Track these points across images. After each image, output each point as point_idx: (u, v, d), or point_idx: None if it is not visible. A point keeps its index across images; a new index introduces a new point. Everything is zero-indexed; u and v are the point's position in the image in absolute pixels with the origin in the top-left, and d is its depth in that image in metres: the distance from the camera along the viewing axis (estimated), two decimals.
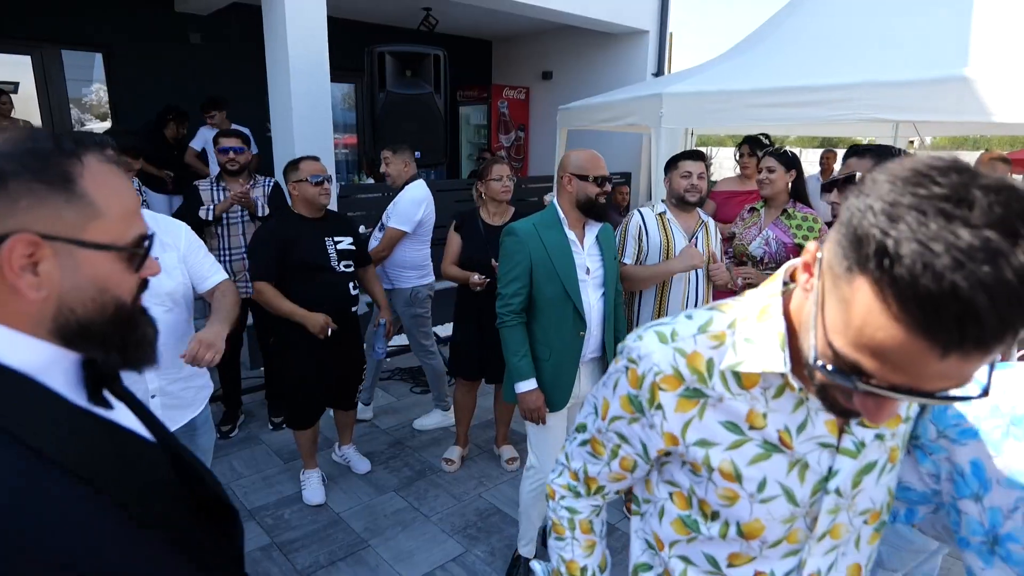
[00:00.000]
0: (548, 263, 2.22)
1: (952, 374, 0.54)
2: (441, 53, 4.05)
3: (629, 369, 0.83)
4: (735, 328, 0.78)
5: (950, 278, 0.47)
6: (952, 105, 2.90)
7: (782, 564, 0.83)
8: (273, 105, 4.86)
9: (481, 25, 7.94)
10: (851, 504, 0.81)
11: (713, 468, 0.80)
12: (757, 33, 4.80)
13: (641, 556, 0.95)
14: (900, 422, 0.81)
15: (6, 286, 0.61)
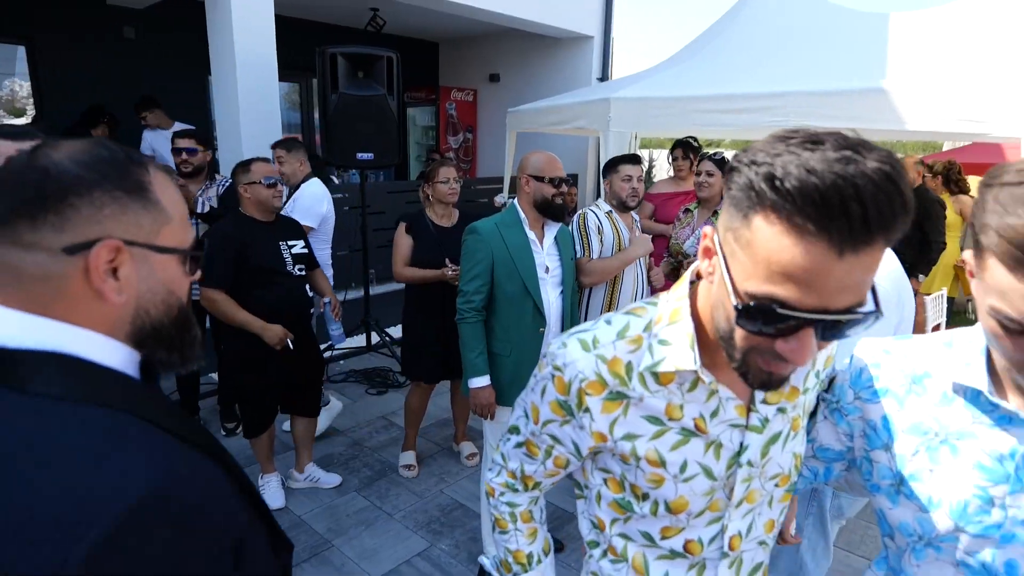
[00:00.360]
0: (509, 261, 2.31)
1: (850, 281, 0.64)
2: (394, 55, 4.07)
3: (555, 376, 0.89)
4: (651, 331, 0.86)
5: (830, 177, 0.60)
6: (871, 114, 3.16)
7: (707, 531, 0.92)
8: (218, 103, 4.76)
9: (428, 27, 7.97)
10: (762, 472, 0.91)
11: (640, 457, 0.88)
12: (697, 41, 5.04)
13: (588, 534, 1.03)
14: (799, 394, 0.91)
15: (92, 291, 0.63)
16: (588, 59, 7.55)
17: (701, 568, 0.94)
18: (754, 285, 0.67)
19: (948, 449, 0.86)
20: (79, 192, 0.62)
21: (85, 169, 0.63)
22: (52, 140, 0.66)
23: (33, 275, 0.61)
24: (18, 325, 0.60)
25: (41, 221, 0.61)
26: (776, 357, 0.71)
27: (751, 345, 0.73)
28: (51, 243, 0.61)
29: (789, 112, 3.53)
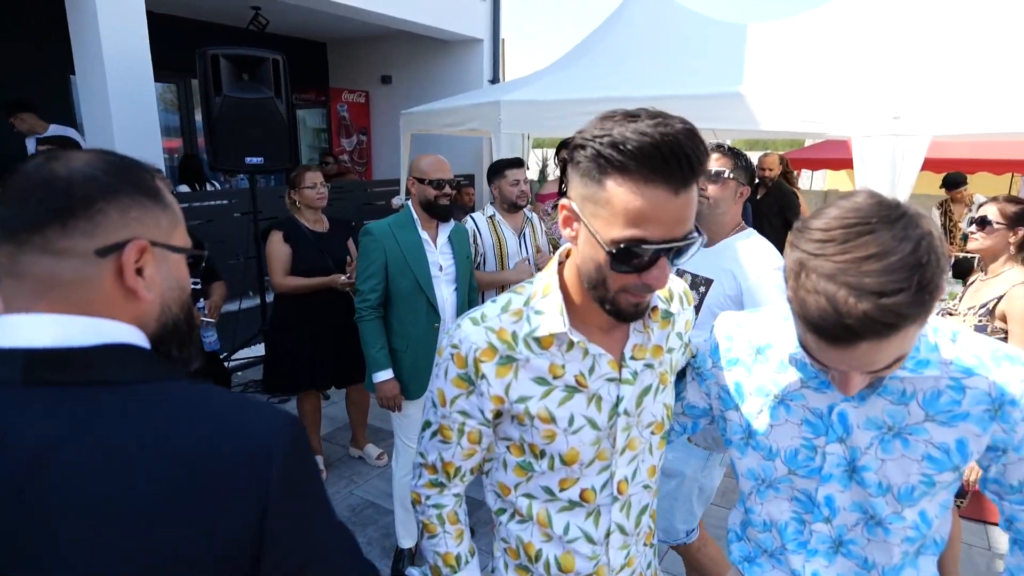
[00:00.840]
0: (402, 260, 2.41)
1: (684, 214, 0.83)
2: (280, 58, 3.99)
3: (454, 354, 1.00)
4: (529, 304, 1.00)
5: (658, 137, 0.78)
6: (730, 116, 3.52)
7: (599, 479, 1.05)
8: (86, 107, 4.45)
9: (314, 27, 7.80)
10: (638, 420, 1.05)
11: (533, 416, 1.00)
12: (580, 47, 5.33)
13: (495, 504, 1.15)
14: (663, 352, 1.07)
15: (124, 291, 0.67)
16: (479, 61, 7.70)
17: (596, 514, 1.07)
18: (618, 232, 0.83)
19: (783, 408, 1.05)
20: (106, 197, 0.65)
21: (108, 175, 0.66)
22: (57, 151, 0.68)
23: (70, 281, 0.63)
24: (80, 327, 0.63)
25: (72, 227, 0.63)
26: (641, 289, 0.88)
27: (621, 285, 0.89)
28: (84, 247, 0.63)
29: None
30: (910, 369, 0.91)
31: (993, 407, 0.91)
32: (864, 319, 0.75)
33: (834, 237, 0.78)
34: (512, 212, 3.08)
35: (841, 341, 0.79)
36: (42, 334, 0.62)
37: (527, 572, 1.11)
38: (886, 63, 3.40)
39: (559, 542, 1.07)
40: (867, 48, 3.64)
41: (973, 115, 2.98)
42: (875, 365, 0.82)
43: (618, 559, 1.10)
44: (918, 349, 0.92)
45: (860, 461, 0.98)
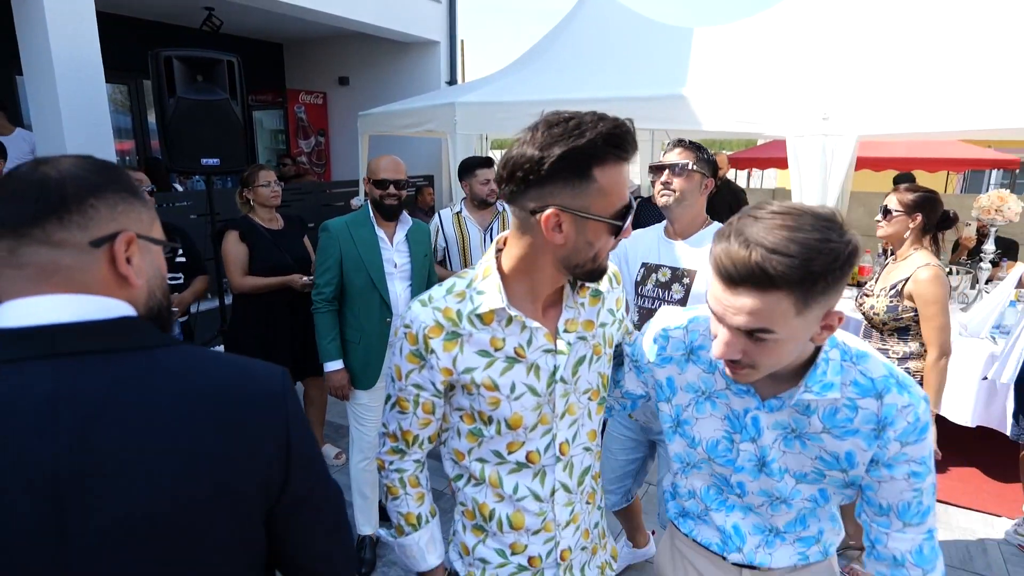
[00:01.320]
0: (356, 256, 2.50)
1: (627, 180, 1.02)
2: (235, 59, 3.99)
3: (407, 333, 1.11)
4: (471, 286, 1.11)
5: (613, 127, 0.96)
6: (675, 116, 3.69)
7: (542, 441, 1.16)
8: (34, 109, 4.37)
9: (270, 28, 7.75)
10: (575, 388, 1.16)
11: (478, 384, 1.10)
12: (534, 50, 5.46)
13: (452, 471, 1.25)
14: (594, 327, 1.18)
15: (117, 278, 0.74)
16: (436, 63, 7.77)
17: (542, 474, 1.18)
18: (615, 206, 1.01)
19: (709, 404, 1.18)
20: (96, 194, 0.73)
21: (95, 175, 0.74)
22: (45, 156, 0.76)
23: (69, 266, 0.71)
24: (94, 304, 0.72)
25: (68, 221, 0.71)
26: (615, 246, 1.08)
27: (609, 248, 1.06)
28: (79, 239, 0.71)
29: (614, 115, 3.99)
30: (815, 392, 1.02)
31: (878, 427, 1.03)
32: (744, 263, 0.90)
33: (772, 213, 0.93)
34: (481, 208, 3.18)
35: (727, 281, 0.93)
36: (61, 311, 0.70)
37: (482, 531, 1.21)
38: (816, 67, 3.62)
39: (510, 501, 1.18)
40: (799, 53, 3.86)
41: (896, 117, 3.21)
42: (745, 320, 0.93)
43: (563, 515, 1.20)
44: (825, 373, 1.02)
45: (768, 457, 1.12)
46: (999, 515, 3.11)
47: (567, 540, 1.22)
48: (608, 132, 0.95)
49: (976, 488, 3.37)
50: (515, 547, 1.20)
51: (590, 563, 1.30)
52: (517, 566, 1.21)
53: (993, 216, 3.77)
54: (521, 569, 1.21)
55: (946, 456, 3.68)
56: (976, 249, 4.11)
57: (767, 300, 0.90)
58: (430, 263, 2.78)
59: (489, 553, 1.21)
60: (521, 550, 1.20)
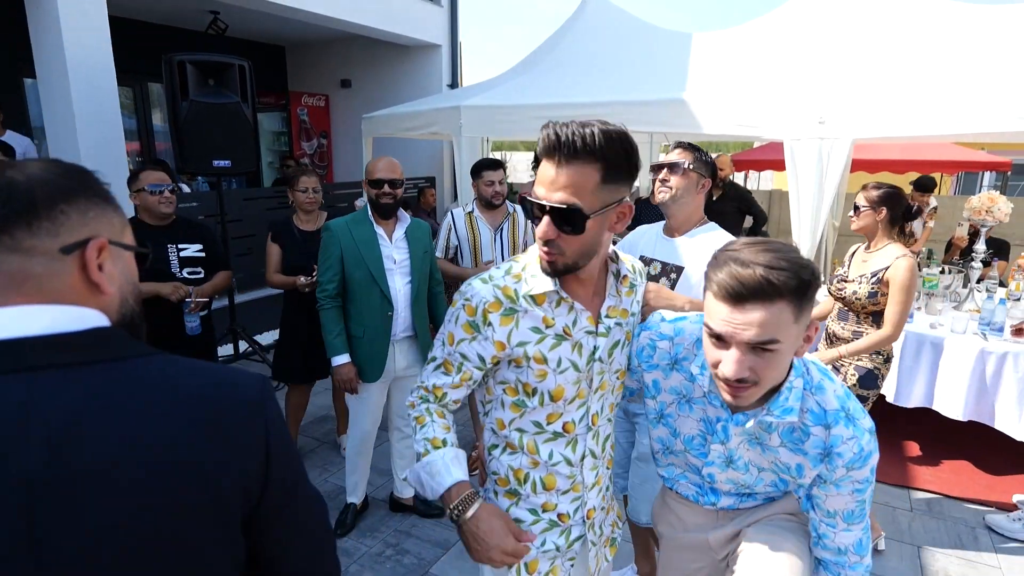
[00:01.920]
0: (357, 253, 2.63)
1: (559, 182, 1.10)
2: (246, 64, 4.09)
3: (465, 305, 1.22)
4: (526, 269, 1.23)
5: (557, 128, 1.10)
6: (675, 120, 3.80)
7: (577, 413, 1.29)
8: (47, 112, 4.45)
9: (273, 31, 7.84)
10: (609, 367, 1.30)
11: (530, 357, 1.22)
12: (535, 55, 5.56)
13: (490, 440, 1.35)
14: (628, 315, 1.32)
15: (89, 285, 0.72)
16: (438, 66, 7.86)
17: (574, 442, 1.31)
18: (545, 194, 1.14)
19: (688, 406, 1.32)
20: (67, 199, 0.71)
21: (64, 179, 0.72)
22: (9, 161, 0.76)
23: (40, 274, 0.69)
24: (67, 315, 0.70)
25: (36, 227, 0.68)
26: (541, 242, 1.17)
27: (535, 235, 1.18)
28: (49, 245, 0.69)
29: (615, 119, 4.05)
30: (776, 416, 1.16)
31: (824, 453, 1.18)
32: (752, 279, 1.03)
33: (747, 243, 1.09)
34: (489, 209, 3.30)
35: (736, 299, 1.04)
36: (32, 323, 0.66)
37: (515, 495, 1.33)
38: (812, 72, 3.73)
39: (544, 466, 1.30)
40: (796, 58, 3.97)
41: (890, 120, 3.32)
42: (755, 332, 1.04)
43: (590, 478, 1.35)
44: (787, 399, 1.16)
45: (735, 456, 1.28)
46: (989, 504, 3.22)
47: (592, 500, 1.36)
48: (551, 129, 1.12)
49: (968, 479, 3.48)
50: (546, 506, 1.33)
51: (605, 521, 1.44)
52: (548, 522, 1.33)
53: (984, 217, 3.88)
54: (552, 525, 1.34)
55: (939, 449, 3.80)
56: (968, 249, 4.23)
57: (772, 310, 1.03)
58: (431, 259, 2.88)
59: (522, 513, 1.33)
60: (552, 508, 1.33)
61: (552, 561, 1.34)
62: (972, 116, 3.18)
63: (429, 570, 2.71)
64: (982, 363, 3.37)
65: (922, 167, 8.13)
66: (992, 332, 3.48)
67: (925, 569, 2.74)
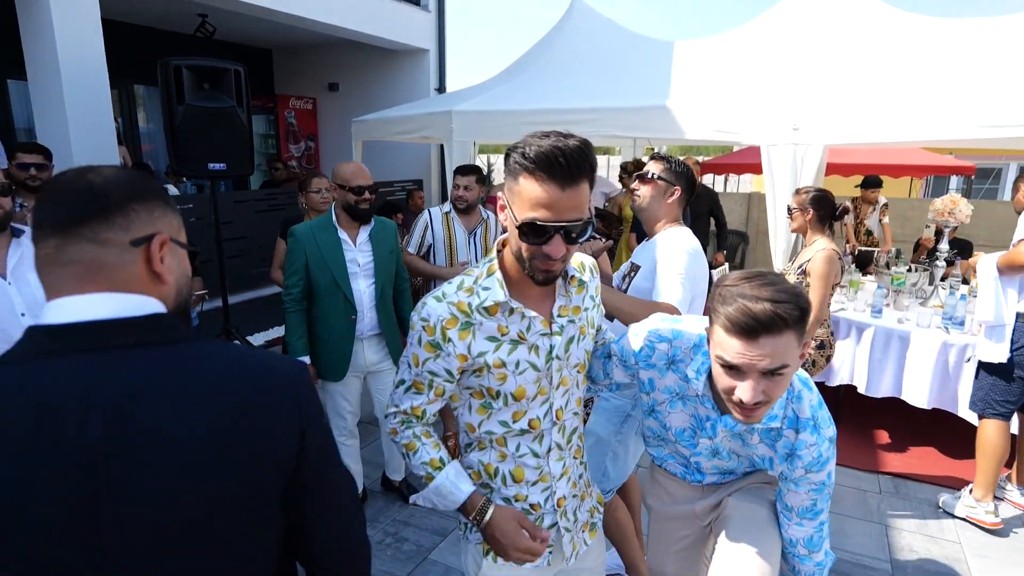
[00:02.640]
0: (321, 259, 2.71)
1: (572, 203, 1.15)
2: (241, 69, 4.18)
3: (424, 326, 1.27)
4: (477, 282, 1.29)
5: (549, 147, 1.12)
6: (658, 126, 3.98)
7: (541, 409, 1.35)
8: (39, 114, 4.49)
9: (261, 34, 7.89)
10: (567, 363, 1.36)
11: (490, 365, 1.28)
12: (522, 61, 5.72)
13: (463, 441, 1.43)
14: (580, 311, 1.38)
15: (151, 275, 0.82)
16: (425, 70, 7.97)
17: (541, 436, 1.38)
18: (523, 214, 1.17)
19: (681, 403, 1.46)
20: (137, 199, 0.81)
21: (135, 182, 0.83)
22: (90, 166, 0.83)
23: (112, 264, 0.78)
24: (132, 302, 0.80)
25: (112, 221, 0.79)
26: (542, 257, 1.20)
27: (532, 254, 1.20)
28: (121, 238, 0.79)
29: (600, 125, 4.26)
30: (763, 421, 1.31)
31: (789, 453, 1.36)
32: (764, 314, 1.15)
33: (745, 278, 1.21)
34: (461, 212, 3.43)
35: (750, 334, 1.16)
36: (101, 308, 0.77)
37: (488, 487, 1.41)
38: (788, 81, 3.93)
39: (512, 459, 1.38)
40: (773, 67, 4.18)
41: (861, 127, 3.53)
42: (769, 362, 1.17)
43: (557, 468, 1.41)
44: (772, 407, 1.29)
45: (721, 448, 1.45)
46: (952, 487, 3.44)
47: (562, 489, 1.43)
48: (539, 147, 1.14)
49: (932, 463, 3.70)
50: (517, 497, 1.40)
51: (580, 507, 1.51)
52: (520, 511, 1.39)
53: (947, 218, 4.12)
54: (525, 513, 1.40)
55: (905, 435, 4.02)
56: (934, 249, 4.46)
57: (782, 341, 1.16)
58: (396, 258, 2.97)
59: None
60: (523, 499, 1.40)
61: None
62: (936, 124, 3.40)
63: (428, 556, 2.83)
64: (945, 355, 3.60)
65: (892, 171, 8.45)
66: (953, 326, 3.71)
67: (892, 546, 2.94)
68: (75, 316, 0.76)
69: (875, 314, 3.99)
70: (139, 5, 6.37)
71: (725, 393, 1.25)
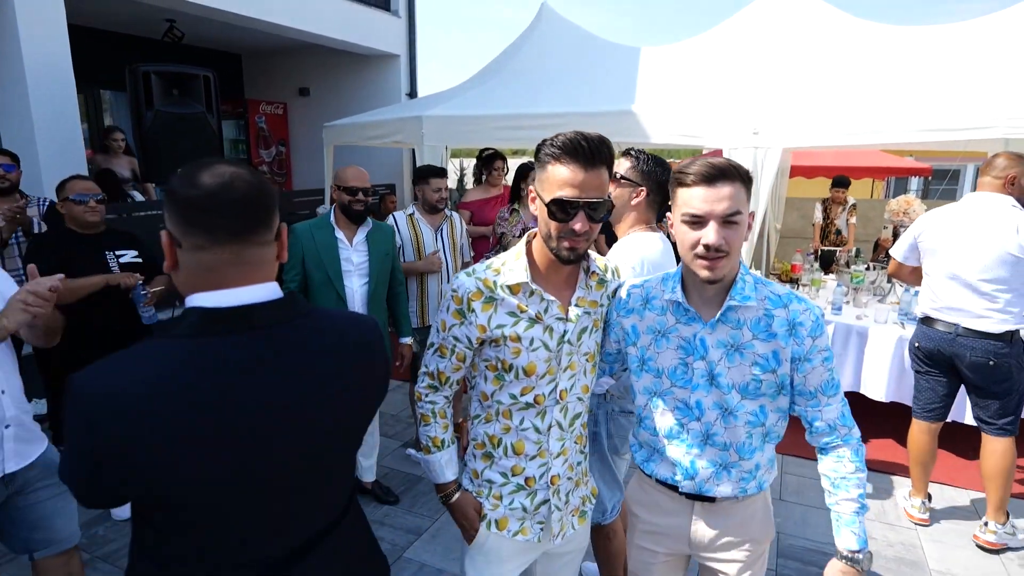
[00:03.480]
0: (317, 256, 2.86)
1: (594, 184, 1.31)
2: (211, 75, 4.18)
3: (453, 295, 1.43)
4: (505, 264, 1.44)
5: (572, 135, 1.31)
6: (625, 130, 4.08)
7: (548, 387, 1.46)
8: (4, 116, 4.43)
9: (230, 39, 7.84)
10: (577, 349, 1.48)
11: (506, 337, 1.42)
12: (491, 66, 5.79)
13: (475, 410, 1.55)
14: (597, 305, 1.50)
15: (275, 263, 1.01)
16: (396, 76, 8.00)
17: (543, 413, 1.49)
18: (551, 194, 1.33)
19: (665, 339, 1.50)
20: (273, 201, 0.98)
21: (266, 186, 0.98)
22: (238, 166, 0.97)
23: (269, 260, 0.98)
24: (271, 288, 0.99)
25: (268, 224, 0.96)
26: (572, 234, 1.34)
27: (560, 231, 1.35)
28: (270, 236, 0.98)
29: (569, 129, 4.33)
30: (739, 300, 1.40)
31: (790, 327, 1.40)
32: (721, 164, 1.36)
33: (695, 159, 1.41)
34: (431, 213, 3.51)
35: (711, 180, 1.34)
36: (257, 293, 0.96)
37: (490, 458, 1.53)
38: (749, 87, 4.07)
39: (515, 431, 1.50)
40: (734, 74, 4.31)
41: (816, 131, 3.67)
42: (727, 205, 1.34)
43: (556, 447, 1.52)
44: (743, 288, 1.41)
45: (716, 370, 1.46)
46: (909, 477, 3.58)
47: (557, 468, 1.53)
48: (565, 137, 1.32)
49: (890, 455, 3.84)
50: (515, 469, 1.51)
51: (574, 492, 1.59)
52: (516, 485, 1.52)
53: (902, 218, 4.30)
54: (519, 488, 1.52)
55: (864, 428, 4.13)
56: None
57: (735, 187, 1.35)
58: (393, 260, 3.07)
59: (494, 475, 1.53)
60: (520, 472, 1.51)
61: (521, 521, 1.53)
62: (887, 128, 3.55)
63: (403, 554, 2.87)
64: (901, 349, 3.74)
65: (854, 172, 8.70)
66: (908, 321, 3.86)
67: None
68: (238, 300, 0.94)
69: (835, 311, 4.14)
70: (106, 10, 6.30)
71: (691, 248, 1.38)
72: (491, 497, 1.53)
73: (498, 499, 1.53)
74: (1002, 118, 3.26)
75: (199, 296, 0.94)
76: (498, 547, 1.54)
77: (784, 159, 7.68)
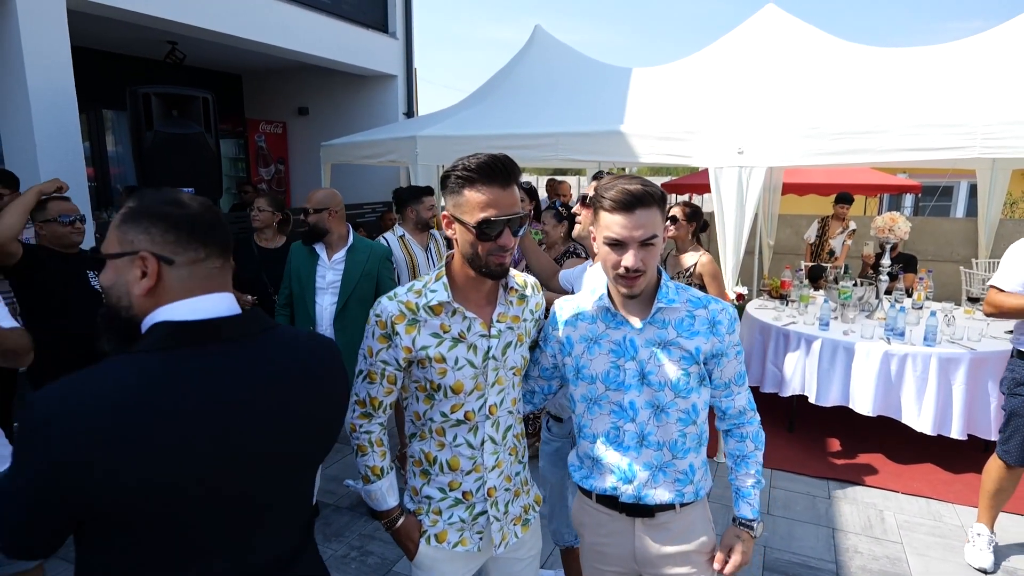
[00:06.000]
0: (297, 271, 3.09)
1: (512, 200, 1.36)
2: (209, 96, 4.27)
3: (377, 320, 1.45)
4: (426, 286, 1.47)
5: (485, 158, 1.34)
6: (613, 150, 4.17)
7: (477, 403, 1.49)
8: (7, 138, 4.52)
9: (230, 60, 7.98)
10: (503, 364, 1.51)
11: (431, 358, 1.44)
12: (485, 87, 5.91)
13: (410, 429, 1.57)
14: (520, 320, 1.54)
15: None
16: (393, 95, 8.14)
17: (475, 428, 1.51)
18: (476, 217, 1.35)
19: (597, 346, 1.58)
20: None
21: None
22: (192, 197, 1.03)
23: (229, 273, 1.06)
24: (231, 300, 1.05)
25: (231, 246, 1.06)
26: (500, 251, 1.39)
27: (488, 250, 1.38)
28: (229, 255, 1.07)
29: (559, 148, 4.44)
30: (665, 303, 1.50)
31: (711, 324, 1.53)
32: (638, 191, 1.41)
33: (618, 177, 1.48)
34: (422, 231, 3.60)
35: (628, 207, 1.40)
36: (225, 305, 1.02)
37: (427, 475, 1.56)
38: (734, 107, 4.16)
39: (449, 448, 1.52)
40: (720, 94, 4.41)
41: (799, 150, 3.75)
42: (644, 231, 1.40)
43: (490, 461, 1.54)
44: (667, 293, 1.52)
45: (646, 368, 1.54)
46: (895, 491, 3.62)
47: (492, 480, 1.56)
48: (476, 160, 1.35)
49: (878, 468, 3.88)
50: (452, 484, 1.54)
51: (513, 502, 1.62)
52: (454, 499, 1.55)
53: (887, 235, 4.37)
54: (457, 502, 1.55)
55: (851, 442, 4.21)
56: (878, 263, 4.71)
57: (651, 214, 1.42)
58: (376, 279, 3.11)
59: (432, 491, 1.56)
60: (457, 487, 1.54)
61: (460, 532, 1.55)
62: (870, 147, 3.63)
63: (392, 568, 2.90)
64: (887, 364, 3.80)
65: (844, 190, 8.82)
66: (895, 337, 3.92)
67: (838, 547, 3.09)
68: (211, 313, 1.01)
69: (823, 327, 4.20)
70: (109, 32, 6.43)
71: (612, 268, 1.46)
72: (431, 513, 1.56)
73: (438, 514, 1.56)
74: (978, 138, 3.34)
75: (164, 310, 0.97)
76: (438, 559, 1.57)
77: (776, 177, 7.80)
